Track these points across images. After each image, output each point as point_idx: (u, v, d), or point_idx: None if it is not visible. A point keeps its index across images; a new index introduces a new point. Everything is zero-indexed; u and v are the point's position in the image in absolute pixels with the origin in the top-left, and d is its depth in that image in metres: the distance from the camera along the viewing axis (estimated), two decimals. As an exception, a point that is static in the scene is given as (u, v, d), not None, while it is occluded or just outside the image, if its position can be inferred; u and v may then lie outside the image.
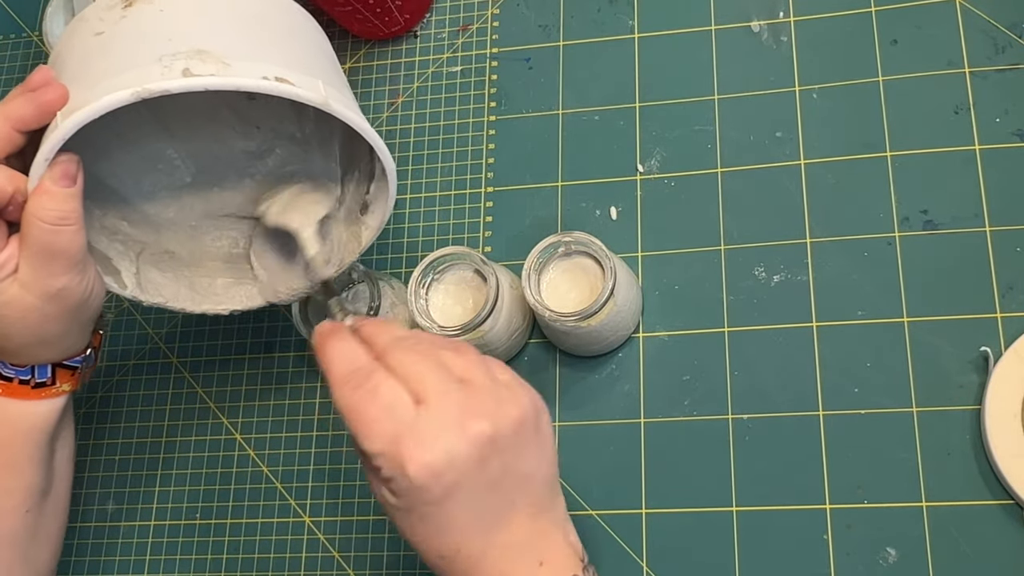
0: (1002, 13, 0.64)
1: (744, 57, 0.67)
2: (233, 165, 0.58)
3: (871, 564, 0.55)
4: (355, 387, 0.44)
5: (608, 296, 0.56)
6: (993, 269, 0.59)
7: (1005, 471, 0.54)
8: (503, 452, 0.44)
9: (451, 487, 0.43)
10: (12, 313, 0.48)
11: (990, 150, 0.61)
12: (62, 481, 0.57)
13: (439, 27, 0.74)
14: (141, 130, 0.54)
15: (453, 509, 0.44)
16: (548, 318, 0.57)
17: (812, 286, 0.61)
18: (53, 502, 0.56)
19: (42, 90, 0.46)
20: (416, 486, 0.43)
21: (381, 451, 0.43)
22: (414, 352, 0.45)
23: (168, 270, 0.58)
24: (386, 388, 0.44)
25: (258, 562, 0.64)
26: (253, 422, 0.68)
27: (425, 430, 0.43)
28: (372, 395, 0.44)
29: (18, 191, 0.47)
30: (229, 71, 0.45)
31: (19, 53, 0.84)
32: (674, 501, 0.59)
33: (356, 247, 0.57)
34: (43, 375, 0.53)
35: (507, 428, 0.44)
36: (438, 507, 0.44)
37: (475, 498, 0.44)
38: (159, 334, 0.71)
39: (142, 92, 0.44)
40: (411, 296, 0.59)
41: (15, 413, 0.52)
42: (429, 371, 0.44)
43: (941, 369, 0.58)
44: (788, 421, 0.59)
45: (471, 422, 0.43)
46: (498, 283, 0.58)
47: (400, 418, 0.43)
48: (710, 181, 0.65)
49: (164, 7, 0.48)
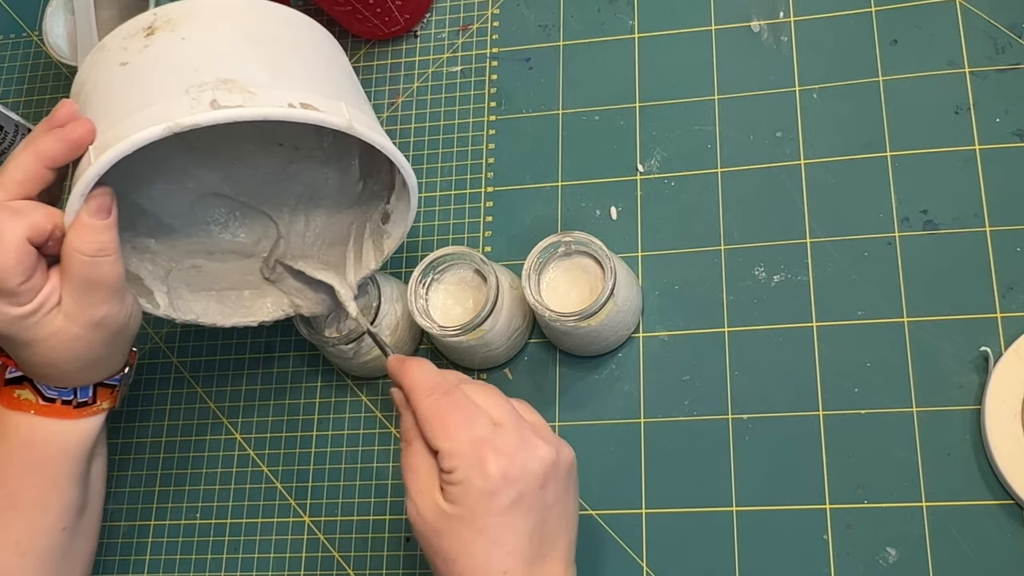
0: (1002, 13, 0.64)
1: (744, 57, 0.67)
2: (255, 186, 0.60)
3: (871, 564, 0.55)
4: (442, 394, 0.48)
5: (608, 296, 0.56)
6: (993, 269, 0.59)
7: (1005, 471, 0.54)
8: (557, 483, 0.48)
9: (517, 500, 0.46)
10: (58, 344, 0.50)
11: (990, 150, 0.61)
12: (96, 498, 0.59)
13: (439, 27, 0.74)
14: (166, 150, 0.55)
15: (512, 523, 0.46)
16: (548, 318, 0.57)
17: (812, 286, 0.61)
18: (88, 520, 0.57)
19: (70, 127, 0.48)
20: (490, 489, 0.46)
21: (462, 451, 0.46)
22: (483, 389, 0.50)
23: (198, 287, 0.59)
24: (469, 403, 0.48)
25: (258, 562, 0.64)
26: (253, 422, 0.68)
27: (503, 443, 0.47)
28: (457, 404, 0.48)
29: (56, 227, 0.48)
30: (255, 100, 0.46)
31: (19, 53, 0.84)
32: (674, 501, 0.59)
33: (379, 256, 0.59)
34: (85, 395, 0.55)
35: (564, 462, 0.49)
36: (500, 518, 0.46)
37: (531, 520, 0.47)
38: (159, 334, 0.71)
39: (173, 127, 0.45)
40: (411, 296, 0.59)
41: (57, 432, 0.54)
42: (499, 403, 0.49)
43: (941, 369, 0.58)
44: (788, 421, 0.59)
45: (540, 445, 0.47)
46: (498, 283, 0.58)
47: (481, 428, 0.47)
48: (710, 181, 0.65)
49: (186, 35, 0.49)
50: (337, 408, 0.67)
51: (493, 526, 0.46)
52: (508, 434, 0.47)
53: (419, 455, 0.48)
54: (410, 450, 0.49)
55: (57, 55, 0.71)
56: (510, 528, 0.46)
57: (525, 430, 0.48)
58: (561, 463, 0.48)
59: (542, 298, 0.58)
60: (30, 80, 0.82)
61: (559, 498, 0.48)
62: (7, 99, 0.82)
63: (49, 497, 0.54)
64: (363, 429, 0.66)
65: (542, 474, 0.47)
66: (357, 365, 0.63)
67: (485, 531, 0.46)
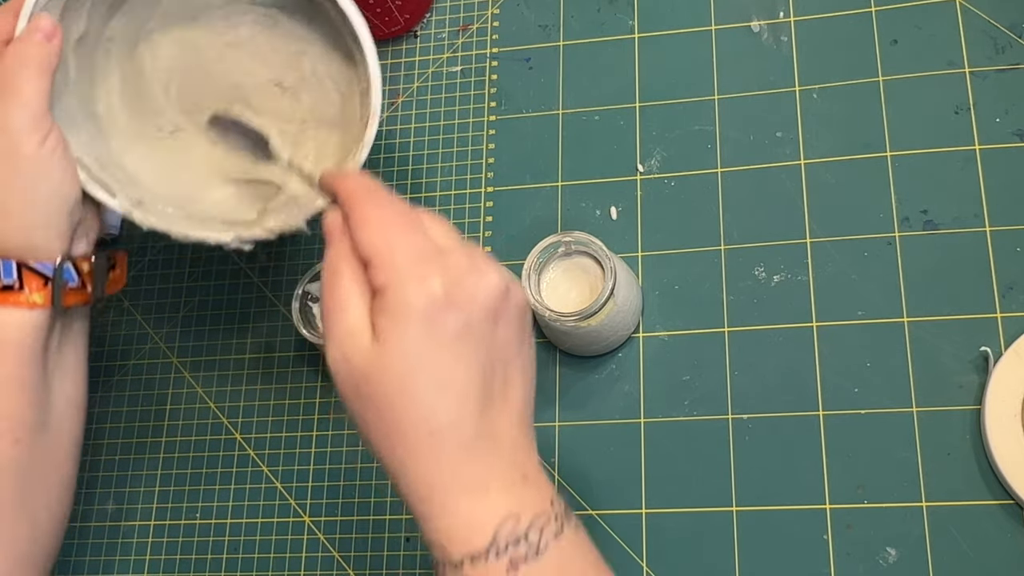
0: (1002, 13, 0.64)
1: (744, 57, 0.67)
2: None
3: (871, 564, 0.55)
4: (386, 201, 0.40)
5: (608, 296, 0.56)
6: (993, 269, 0.59)
7: (1005, 471, 0.54)
8: (510, 322, 0.41)
9: (464, 330, 0.39)
10: None
11: (990, 150, 0.61)
12: (63, 424, 0.53)
13: (439, 27, 0.74)
14: None
15: (457, 358, 0.39)
16: (548, 318, 0.57)
17: (812, 286, 0.61)
18: (51, 444, 0.52)
19: None
20: (432, 311, 0.38)
21: (401, 264, 0.39)
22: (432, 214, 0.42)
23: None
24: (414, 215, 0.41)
25: (258, 562, 0.64)
26: (253, 422, 0.68)
27: (449, 263, 0.39)
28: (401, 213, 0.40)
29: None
30: None
31: (19, 53, 0.83)
32: (674, 501, 0.59)
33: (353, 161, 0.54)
34: (8, 274, 0.48)
35: (516, 299, 0.42)
36: (443, 351, 0.38)
37: (480, 358, 0.39)
38: (159, 334, 0.71)
39: None
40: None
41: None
42: (448, 229, 0.42)
43: (941, 369, 0.58)
44: (788, 421, 0.59)
45: (491, 271, 0.40)
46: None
47: (425, 242, 0.40)
48: (710, 181, 0.65)
49: None
50: (337, 408, 0.67)
51: (435, 361, 0.38)
52: (455, 255, 0.39)
53: (349, 287, 0.40)
54: (337, 282, 0.40)
55: (57, 55, 0.71)
56: (455, 364, 0.38)
57: (476, 255, 0.40)
58: (512, 299, 0.41)
59: (542, 298, 0.58)
60: (30, 80, 0.82)
61: (511, 339, 0.41)
62: (7, 99, 0.82)
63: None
64: (363, 429, 0.66)
65: (493, 306, 0.39)
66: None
67: (425, 367, 0.38)
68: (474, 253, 0.41)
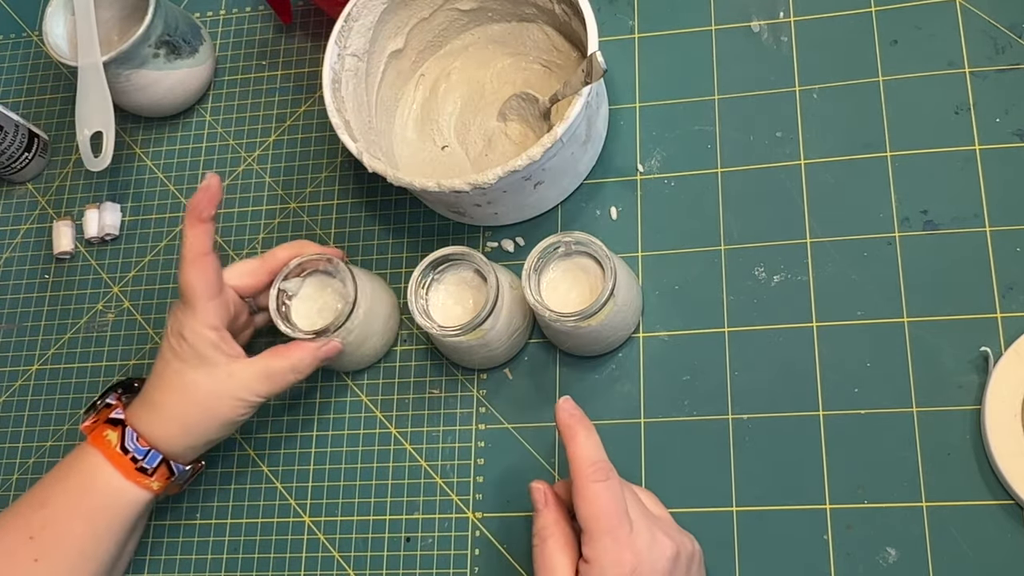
0: (1002, 13, 0.64)
1: (744, 57, 0.67)
2: None
3: (871, 564, 0.55)
4: (604, 478, 0.50)
5: (608, 296, 0.56)
6: (993, 269, 0.59)
7: (1005, 471, 0.54)
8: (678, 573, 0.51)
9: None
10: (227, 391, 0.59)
11: (990, 150, 0.61)
12: (120, 570, 0.63)
13: (439, 27, 0.74)
14: None
15: None
16: (548, 318, 0.57)
17: (812, 286, 0.61)
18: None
19: None
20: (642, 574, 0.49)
21: (606, 543, 0.49)
22: (623, 482, 0.52)
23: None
24: (619, 491, 0.50)
25: (258, 562, 0.64)
26: (253, 422, 0.68)
27: (636, 541, 0.49)
28: (611, 491, 0.50)
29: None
30: None
31: (19, 53, 0.84)
32: (674, 501, 0.59)
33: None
34: (151, 462, 0.59)
35: (685, 554, 0.52)
36: None
37: None
38: (159, 334, 0.71)
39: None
40: (411, 296, 0.59)
41: (113, 486, 0.58)
42: (634, 500, 0.52)
43: (941, 369, 0.58)
44: (788, 421, 0.59)
45: (665, 543, 0.50)
46: (498, 283, 0.58)
47: (624, 522, 0.49)
48: (710, 181, 0.65)
49: None
50: (337, 408, 0.67)
51: None
52: (641, 533, 0.50)
53: (555, 554, 0.50)
54: (545, 548, 0.51)
55: (57, 55, 0.71)
56: None
57: (655, 528, 0.51)
58: (682, 555, 0.51)
59: (542, 298, 0.58)
60: (30, 80, 0.82)
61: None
62: (7, 99, 0.82)
63: (89, 546, 0.58)
64: (363, 429, 0.66)
65: (666, 570, 0.50)
66: (352, 361, 0.64)
67: None
68: (652, 526, 0.51)
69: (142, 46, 0.70)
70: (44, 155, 0.78)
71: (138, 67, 0.71)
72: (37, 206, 0.78)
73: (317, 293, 0.63)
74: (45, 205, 0.77)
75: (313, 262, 0.62)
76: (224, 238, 0.72)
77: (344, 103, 0.64)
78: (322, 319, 0.62)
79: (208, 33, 0.77)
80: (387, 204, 0.70)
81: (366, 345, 0.63)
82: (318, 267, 0.62)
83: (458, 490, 0.63)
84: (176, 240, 0.73)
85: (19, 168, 0.77)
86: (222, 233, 0.72)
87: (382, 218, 0.70)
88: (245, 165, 0.74)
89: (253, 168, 0.74)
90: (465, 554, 0.61)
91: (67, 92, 0.81)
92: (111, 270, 0.74)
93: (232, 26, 0.79)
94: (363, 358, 0.65)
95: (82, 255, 0.75)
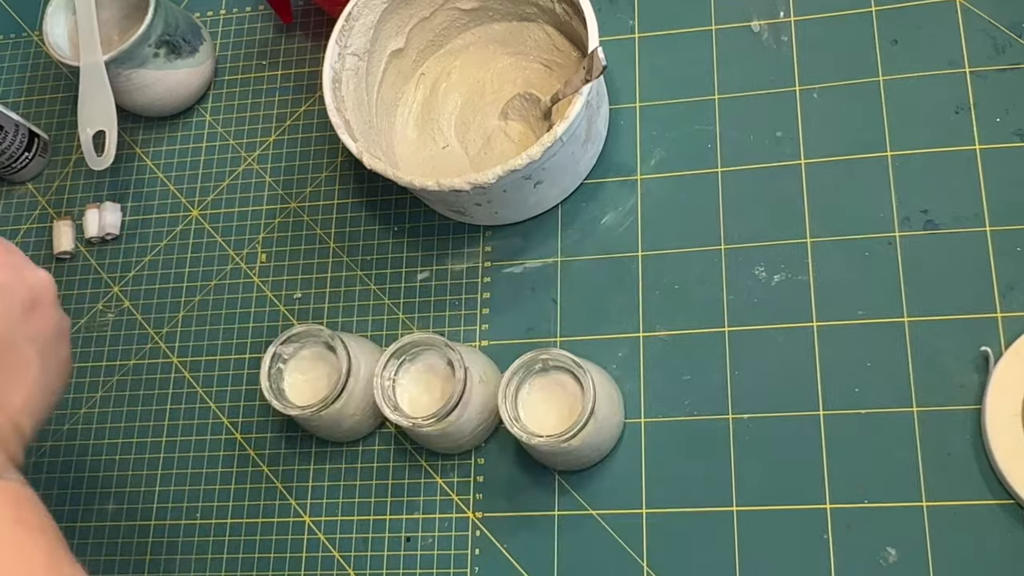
0: (1002, 13, 0.64)
1: (744, 57, 0.67)
2: None
3: (871, 564, 0.55)
4: None
5: (588, 417, 0.54)
6: (993, 269, 0.59)
7: (1005, 471, 0.54)
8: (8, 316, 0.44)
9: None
10: None
11: (990, 150, 0.61)
12: None
13: (439, 27, 0.74)
14: None
15: None
16: (524, 440, 0.55)
17: (812, 286, 0.61)
18: None
19: None
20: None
21: None
22: None
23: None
24: None
25: (258, 562, 0.64)
26: (253, 422, 0.68)
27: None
28: None
29: None
30: None
31: (19, 53, 0.84)
32: (674, 501, 0.59)
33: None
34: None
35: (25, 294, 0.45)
36: None
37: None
38: (159, 334, 0.71)
39: None
40: (377, 381, 0.58)
41: None
42: None
43: (941, 369, 0.58)
44: (788, 421, 0.59)
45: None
46: (466, 376, 0.57)
47: None
48: (710, 181, 0.65)
49: None
50: (337, 408, 0.66)
51: None
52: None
53: None
54: None
55: (57, 55, 0.71)
56: None
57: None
58: (17, 293, 0.42)
59: (520, 417, 0.56)
60: (30, 80, 0.82)
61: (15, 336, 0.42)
62: (7, 99, 0.82)
63: None
64: (363, 429, 0.66)
65: None
66: (340, 431, 0.63)
67: None
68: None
69: (142, 46, 0.70)
70: (44, 155, 0.78)
71: (138, 67, 0.71)
72: (37, 206, 0.78)
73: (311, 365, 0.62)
74: (45, 205, 0.77)
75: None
76: (224, 238, 0.72)
77: (344, 103, 0.64)
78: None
79: (208, 33, 0.77)
80: (387, 204, 0.70)
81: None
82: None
83: (458, 490, 0.63)
84: (176, 240, 0.73)
85: (19, 168, 0.77)
86: (222, 233, 0.72)
87: (382, 218, 0.70)
88: (245, 165, 0.74)
89: (253, 168, 0.74)
90: (465, 554, 0.61)
91: (67, 92, 0.81)
92: (111, 270, 0.74)
93: (232, 26, 0.79)
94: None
95: (82, 255, 0.75)
